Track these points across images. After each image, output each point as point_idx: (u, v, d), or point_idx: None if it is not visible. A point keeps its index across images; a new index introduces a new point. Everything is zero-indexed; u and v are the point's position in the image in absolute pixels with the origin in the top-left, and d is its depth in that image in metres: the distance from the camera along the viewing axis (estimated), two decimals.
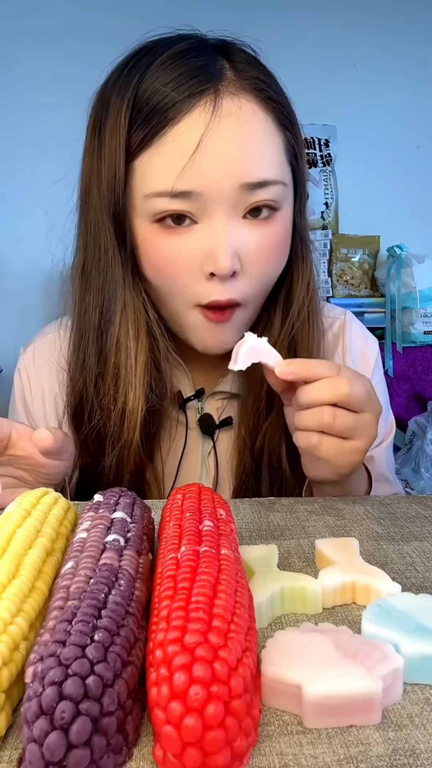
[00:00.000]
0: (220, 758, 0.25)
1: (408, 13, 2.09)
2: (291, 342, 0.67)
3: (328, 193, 2.06)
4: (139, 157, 0.57)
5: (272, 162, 0.58)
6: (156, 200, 0.57)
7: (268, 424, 0.67)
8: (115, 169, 0.58)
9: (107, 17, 1.98)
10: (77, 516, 0.46)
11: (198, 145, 0.54)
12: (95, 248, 0.62)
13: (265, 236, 0.59)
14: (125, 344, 0.62)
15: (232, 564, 0.34)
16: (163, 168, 0.56)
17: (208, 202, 0.56)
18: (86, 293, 0.64)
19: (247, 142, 0.56)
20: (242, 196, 0.57)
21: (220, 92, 0.56)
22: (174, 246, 0.58)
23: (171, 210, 0.57)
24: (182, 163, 0.55)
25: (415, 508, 0.57)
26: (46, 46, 1.99)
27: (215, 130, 0.55)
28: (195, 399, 0.71)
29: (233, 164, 0.56)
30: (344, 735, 0.29)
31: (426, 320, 1.88)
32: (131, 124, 0.57)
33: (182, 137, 0.55)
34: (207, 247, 0.57)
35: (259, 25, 2.09)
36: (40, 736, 0.24)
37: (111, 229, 0.61)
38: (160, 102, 0.55)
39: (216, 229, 0.57)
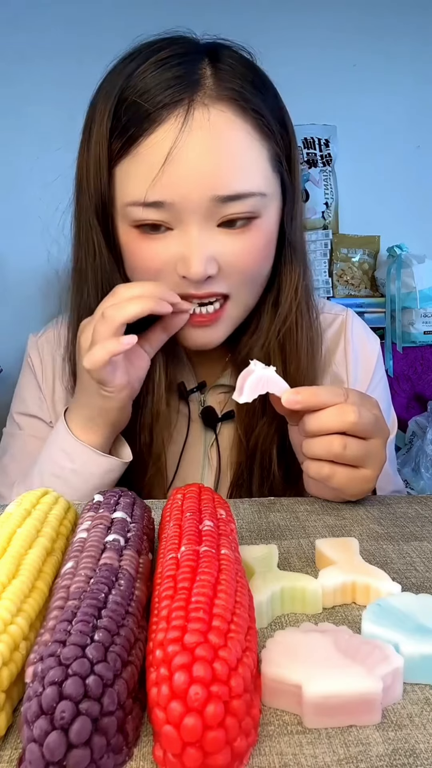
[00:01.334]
0: (220, 758, 0.25)
1: (408, 14, 2.09)
2: (280, 345, 0.67)
3: (328, 193, 2.06)
4: (119, 164, 0.59)
5: (249, 173, 0.58)
6: (132, 209, 0.58)
7: (263, 423, 0.68)
8: (99, 174, 0.60)
9: (110, 14, 1.98)
10: (77, 516, 0.46)
11: (167, 156, 0.55)
12: (89, 247, 0.64)
13: (242, 245, 0.60)
14: None
15: (232, 564, 0.34)
16: (136, 178, 0.57)
17: (180, 212, 0.57)
18: (83, 290, 0.65)
19: (220, 154, 0.56)
20: (215, 208, 0.57)
21: (195, 102, 0.56)
22: (151, 249, 0.60)
23: (146, 219, 0.58)
24: (153, 173, 0.56)
25: (415, 508, 0.57)
26: (48, 46, 1.99)
27: (185, 141, 0.55)
28: (197, 391, 0.72)
29: (204, 176, 0.56)
30: (344, 735, 0.29)
31: (426, 320, 1.88)
32: (112, 132, 0.58)
33: (154, 148, 0.56)
34: (181, 252, 0.59)
35: (259, 25, 2.10)
36: (40, 736, 0.24)
37: (99, 231, 0.63)
38: (137, 112, 0.56)
39: (189, 236, 0.58)
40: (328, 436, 0.53)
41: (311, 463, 0.55)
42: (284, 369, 0.67)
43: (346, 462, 0.53)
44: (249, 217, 0.59)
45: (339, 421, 0.52)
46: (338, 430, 0.52)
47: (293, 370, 0.67)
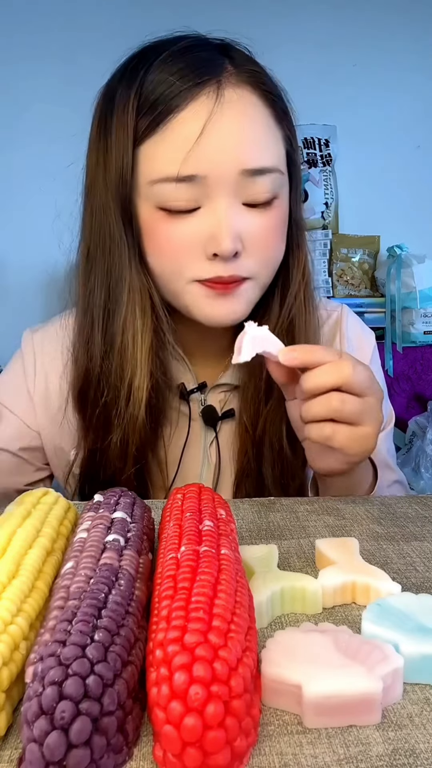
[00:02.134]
0: (220, 758, 0.25)
1: (408, 13, 2.09)
2: (290, 325, 0.69)
3: (328, 193, 2.06)
4: (144, 143, 0.59)
5: (271, 151, 0.61)
6: (162, 186, 0.59)
7: (268, 410, 0.69)
8: (123, 154, 0.60)
9: (109, 13, 1.98)
10: (77, 516, 0.46)
11: (202, 131, 0.57)
12: (101, 232, 0.64)
13: (265, 221, 0.62)
14: (132, 324, 0.64)
15: (232, 564, 0.34)
16: (168, 154, 0.58)
17: (211, 187, 0.58)
18: (91, 275, 0.65)
19: (249, 130, 0.59)
20: (243, 182, 0.59)
21: (222, 83, 0.59)
22: (177, 229, 0.60)
23: (176, 198, 0.59)
24: (187, 148, 0.57)
25: (415, 508, 0.57)
26: (51, 41, 1.99)
27: (218, 117, 0.57)
28: (198, 392, 0.72)
29: (235, 150, 0.58)
30: (344, 735, 0.29)
31: (426, 320, 1.88)
32: (138, 112, 0.59)
33: (187, 124, 0.57)
34: (210, 229, 0.59)
35: (259, 24, 2.09)
36: (40, 736, 0.24)
37: (118, 213, 0.62)
38: (166, 91, 0.58)
39: (219, 211, 0.59)
40: (325, 394, 0.54)
41: (312, 426, 0.55)
42: None
43: (345, 419, 0.54)
44: (270, 198, 0.61)
45: (335, 375, 0.53)
46: (335, 385, 0.54)
47: None
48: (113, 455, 0.66)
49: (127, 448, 0.66)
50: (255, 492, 0.70)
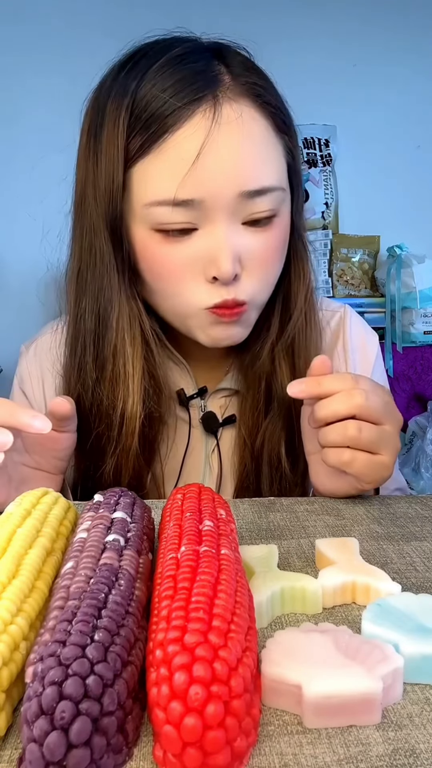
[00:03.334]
0: (220, 758, 0.25)
1: (408, 13, 2.09)
2: (291, 343, 0.67)
3: (328, 193, 2.06)
4: (137, 163, 0.57)
5: (271, 168, 0.58)
6: (157, 209, 0.56)
7: (267, 422, 0.67)
8: (112, 175, 0.58)
9: (104, 15, 1.98)
10: (77, 516, 0.46)
11: (199, 153, 0.54)
12: (90, 254, 0.62)
13: (264, 241, 0.59)
14: (122, 351, 0.62)
15: (232, 564, 0.34)
16: (163, 176, 0.55)
17: (208, 209, 0.56)
18: (81, 298, 0.63)
19: (248, 149, 0.56)
20: (242, 204, 0.57)
21: (219, 98, 0.55)
22: (175, 252, 0.58)
23: (173, 221, 0.56)
24: (183, 171, 0.54)
25: (415, 508, 0.57)
26: (43, 53, 1.99)
27: (215, 137, 0.54)
28: (198, 397, 0.71)
29: (234, 172, 0.55)
30: (344, 735, 0.29)
31: (426, 320, 1.88)
32: (130, 130, 0.56)
33: (182, 145, 0.55)
34: (208, 252, 0.57)
35: (258, 24, 2.09)
36: (40, 736, 0.24)
37: (107, 236, 0.60)
38: (159, 108, 0.55)
39: (217, 234, 0.57)
40: (342, 421, 0.53)
41: (330, 451, 0.55)
42: (293, 368, 0.67)
43: (362, 447, 0.54)
44: (270, 216, 0.59)
45: (347, 404, 0.53)
46: (347, 414, 0.53)
47: (303, 368, 0.66)
48: (106, 482, 0.65)
49: (120, 478, 0.65)
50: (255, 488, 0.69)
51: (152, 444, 0.67)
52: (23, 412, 0.49)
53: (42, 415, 0.49)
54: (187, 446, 0.70)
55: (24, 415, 0.49)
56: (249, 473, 0.69)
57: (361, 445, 0.53)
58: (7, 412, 0.49)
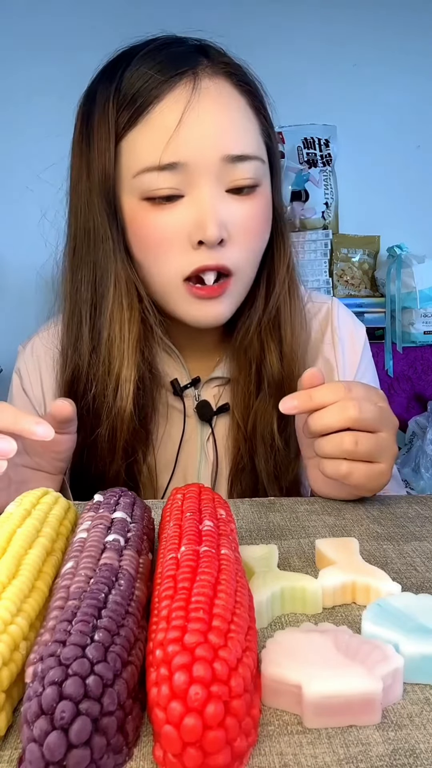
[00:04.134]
0: (220, 758, 0.25)
1: (408, 13, 2.09)
2: (276, 317, 0.69)
3: (328, 193, 2.06)
4: (126, 136, 0.60)
5: (250, 138, 0.62)
6: (145, 176, 0.59)
7: (258, 403, 0.69)
8: (105, 150, 0.61)
9: (99, 16, 1.98)
10: (77, 516, 0.46)
11: (181, 119, 0.58)
12: (86, 229, 0.64)
13: (248, 209, 0.62)
14: (119, 317, 0.64)
15: (232, 564, 0.34)
16: (149, 144, 0.59)
17: (193, 174, 0.59)
18: (78, 271, 0.66)
19: (227, 117, 0.60)
20: (225, 169, 0.60)
21: (199, 74, 0.60)
22: (162, 219, 0.60)
23: (159, 187, 0.59)
24: (167, 136, 0.58)
25: (415, 508, 0.57)
26: (40, 45, 1.99)
27: (196, 105, 0.59)
28: (191, 387, 0.72)
29: (215, 136, 0.59)
30: (344, 735, 0.29)
31: (426, 320, 1.88)
32: (118, 107, 0.61)
33: (165, 113, 0.59)
34: (195, 217, 0.60)
35: (258, 24, 2.09)
36: (40, 736, 0.24)
37: (102, 209, 0.63)
38: (144, 84, 0.59)
39: (203, 198, 0.59)
40: (338, 433, 0.53)
41: (327, 462, 0.54)
42: (280, 345, 0.69)
43: (359, 458, 0.53)
44: (253, 185, 0.62)
45: (340, 417, 0.52)
46: (341, 427, 0.52)
47: (288, 349, 0.68)
48: (102, 450, 0.66)
49: (116, 442, 0.66)
50: (250, 487, 0.70)
51: (147, 409, 0.68)
52: (26, 419, 0.49)
53: (45, 422, 0.50)
54: (183, 435, 0.71)
55: (27, 421, 0.49)
56: (243, 454, 0.70)
57: (358, 456, 0.53)
58: (11, 419, 0.50)
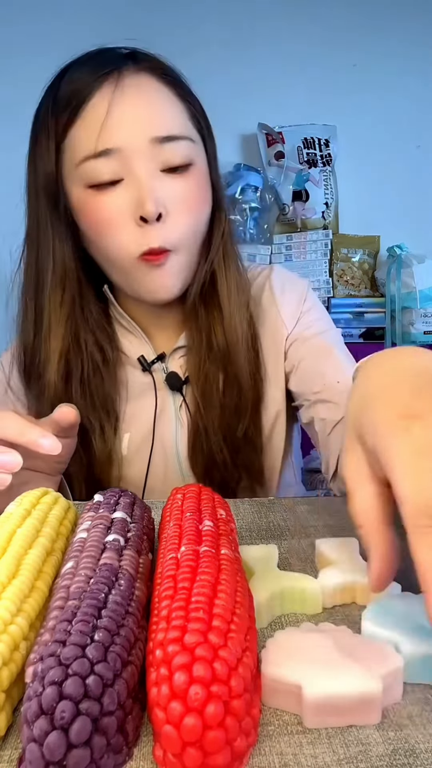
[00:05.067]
0: (220, 758, 0.25)
1: (408, 13, 2.09)
2: (212, 279, 0.73)
3: (328, 193, 2.06)
4: (67, 135, 0.66)
5: (177, 121, 0.67)
6: (85, 165, 0.65)
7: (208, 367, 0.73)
8: (46, 151, 0.67)
9: (103, 15, 1.98)
10: (77, 516, 0.46)
11: (108, 110, 0.64)
12: (34, 225, 0.71)
13: (184, 186, 0.67)
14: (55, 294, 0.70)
15: (232, 564, 0.34)
16: (85, 135, 0.65)
17: (128, 158, 0.64)
18: (27, 263, 0.72)
19: (151, 104, 0.66)
20: (156, 150, 0.65)
21: (123, 72, 0.66)
22: (105, 202, 0.65)
23: (99, 173, 0.64)
24: (99, 126, 0.64)
25: None
26: (49, 33, 1.99)
27: (120, 96, 0.64)
28: (159, 362, 0.77)
29: (142, 121, 0.64)
30: (344, 735, 0.29)
31: (426, 320, 1.88)
32: (55, 111, 0.67)
33: (96, 108, 0.64)
34: (134, 196, 0.64)
35: (258, 25, 2.09)
36: (40, 736, 0.24)
37: (45, 203, 0.69)
38: (75, 87, 0.65)
39: (139, 179, 0.64)
40: None
41: None
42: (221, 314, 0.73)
43: None
44: (186, 163, 0.67)
45: None
46: None
47: (227, 313, 0.73)
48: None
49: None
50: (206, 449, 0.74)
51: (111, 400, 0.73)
52: (32, 431, 0.50)
53: (51, 435, 0.50)
54: (156, 408, 0.75)
55: (33, 433, 0.50)
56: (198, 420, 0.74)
57: None
58: (16, 430, 0.50)
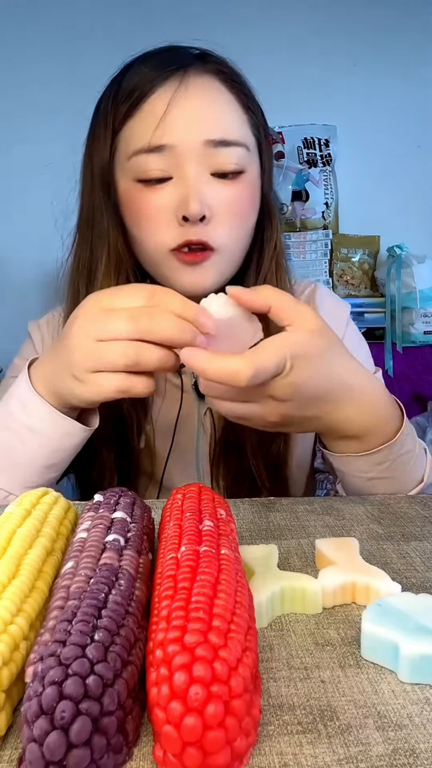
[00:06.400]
0: (220, 758, 0.25)
1: (408, 13, 2.09)
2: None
3: (328, 193, 2.06)
4: (123, 127, 0.67)
5: (234, 126, 0.67)
6: (137, 158, 0.65)
7: None
8: (103, 140, 0.68)
9: (108, 21, 1.98)
10: (77, 516, 0.46)
11: (168, 107, 0.64)
12: (88, 211, 0.72)
13: (232, 193, 0.66)
14: (107, 280, 0.69)
15: (232, 564, 0.34)
16: (141, 130, 0.65)
17: (179, 157, 0.64)
18: (79, 248, 0.72)
19: (210, 106, 0.66)
20: (209, 152, 0.65)
21: (188, 71, 0.66)
22: (152, 197, 0.66)
23: (149, 169, 0.65)
24: (156, 122, 0.64)
25: (415, 508, 0.57)
26: (49, 45, 1.99)
27: (182, 95, 0.64)
28: None
29: (198, 122, 0.64)
30: (344, 735, 0.29)
31: (426, 320, 1.88)
32: (116, 102, 0.67)
33: (155, 104, 0.64)
34: (180, 195, 0.64)
35: (258, 25, 2.09)
36: (41, 736, 0.24)
37: (100, 190, 0.70)
38: (139, 81, 0.66)
39: (187, 178, 0.64)
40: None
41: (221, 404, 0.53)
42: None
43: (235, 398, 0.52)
44: (237, 171, 0.66)
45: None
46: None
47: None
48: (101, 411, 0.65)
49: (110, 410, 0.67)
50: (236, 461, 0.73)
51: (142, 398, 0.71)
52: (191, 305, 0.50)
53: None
54: (180, 410, 0.74)
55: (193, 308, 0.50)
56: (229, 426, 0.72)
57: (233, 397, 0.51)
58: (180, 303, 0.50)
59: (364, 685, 0.32)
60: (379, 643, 0.34)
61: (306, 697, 0.31)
